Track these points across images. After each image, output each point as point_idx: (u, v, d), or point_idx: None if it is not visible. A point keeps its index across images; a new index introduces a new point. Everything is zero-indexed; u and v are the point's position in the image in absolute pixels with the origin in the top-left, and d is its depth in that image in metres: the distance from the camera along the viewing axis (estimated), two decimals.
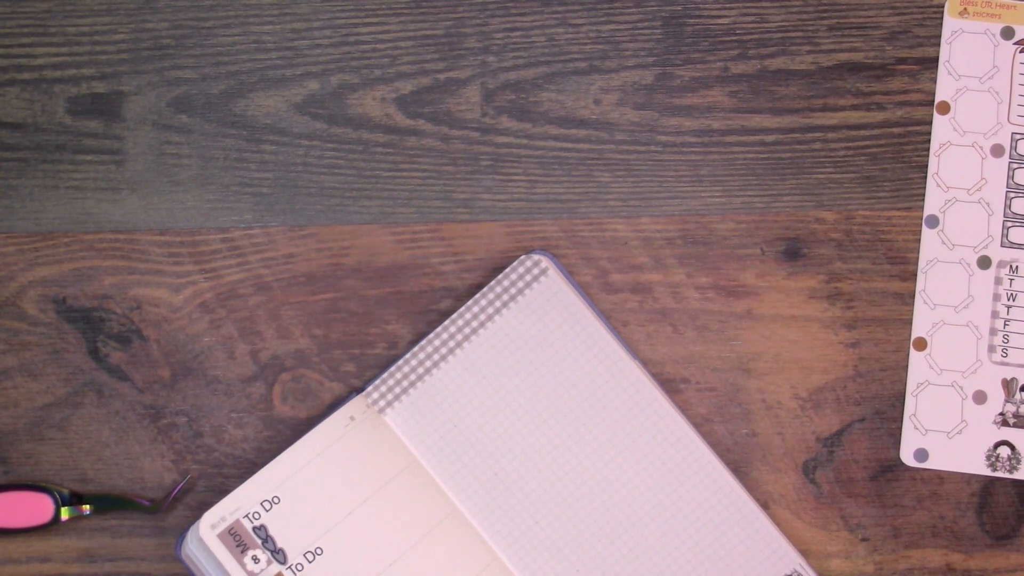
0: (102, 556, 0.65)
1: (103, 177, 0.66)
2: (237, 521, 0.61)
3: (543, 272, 0.64)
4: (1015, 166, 0.65)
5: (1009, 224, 0.65)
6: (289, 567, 0.61)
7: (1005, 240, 0.65)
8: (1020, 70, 0.65)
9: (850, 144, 0.65)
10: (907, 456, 0.65)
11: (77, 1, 0.66)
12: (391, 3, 0.66)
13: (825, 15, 0.66)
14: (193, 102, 0.66)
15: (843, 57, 0.66)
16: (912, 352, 0.65)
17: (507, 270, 0.64)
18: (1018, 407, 0.65)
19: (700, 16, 0.66)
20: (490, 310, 0.64)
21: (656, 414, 0.64)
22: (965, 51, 0.65)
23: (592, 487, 0.64)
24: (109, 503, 0.64)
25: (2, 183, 0.66)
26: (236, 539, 0.61)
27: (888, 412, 0.65)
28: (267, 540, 0.61)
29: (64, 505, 0.64)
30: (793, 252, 0.65)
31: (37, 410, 0.65)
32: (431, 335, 0.64)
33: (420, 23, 0.66)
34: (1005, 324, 0.65)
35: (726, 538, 0.63)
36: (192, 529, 0.62)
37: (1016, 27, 0.65)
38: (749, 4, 0.66)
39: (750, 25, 0.66)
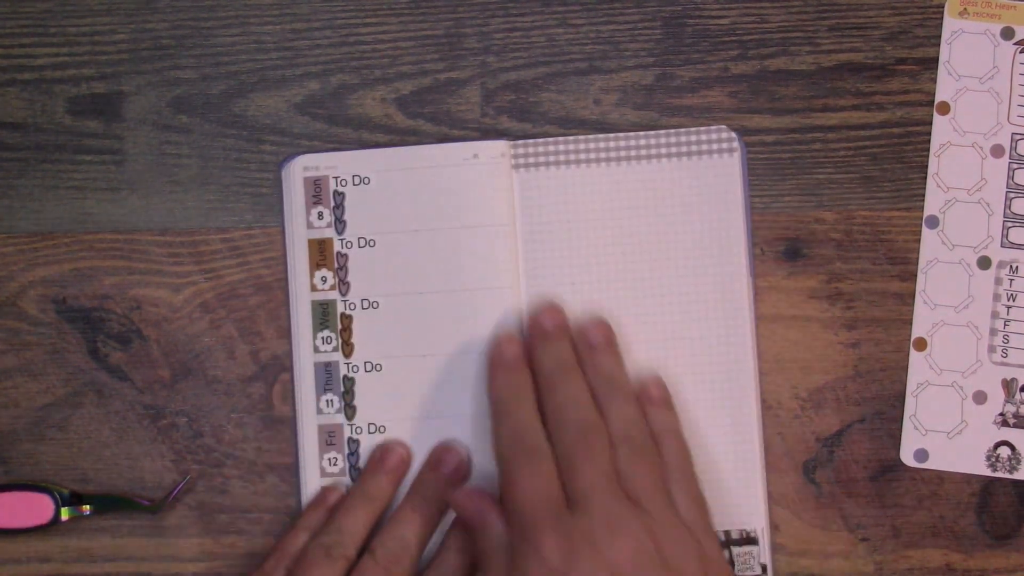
0: (102, 556, 0.65)
1: (103, 177, 0.66)
2: (327, 177, 0.65)
3: (728, 150, 0.65)
4: (1015, 166, 0.65)
5: (1009, 224, 0.65)
6: (340, 239, 0.65)
7: (1005, 240, 0.65)
8: (1020, 70, 0.65)
9: (850, 144, 0.65)
10: (907, 456, 0.65)
11: (77, 1, 0.66)
12: (391, 3, 0.66)
13: (825, 15, 0.66)
14: (193, 102, 0.66)
15: (843, 57, 0.66)
16: (912, 352, 0.65)
17: (696, 129, 0.65)
18: (1018, 407, 0.65)
19: (700, 16, 0.66)
20: (661, 151, 0.65)
21: (732, 335, 0.64)
22: (965, 51, 0.65)
23: (645, 339, 0.65)
24: (109, 503, 0.64)
25: (2, 183, 0.66)
26: (316, 189, 0.65)
27: (888, 412, 0.65)
28: (339, 207, 0.64)
29: (64, 505, 0.64)
30: (793, 252, 0.65)
31: (37, 410, 0.65)
32: (604, 135, 0.65)
33: (420, 23, 0.66)
34: (1005, 324, 0.65)
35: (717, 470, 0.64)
36: (293, 159, 0.65)
37: (1016, 27, 0.65)
38: (749, 4, 0.66)
39: (750, 25, 0.66)
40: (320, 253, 0.65)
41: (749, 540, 0.64)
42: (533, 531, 0.56)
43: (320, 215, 0.65)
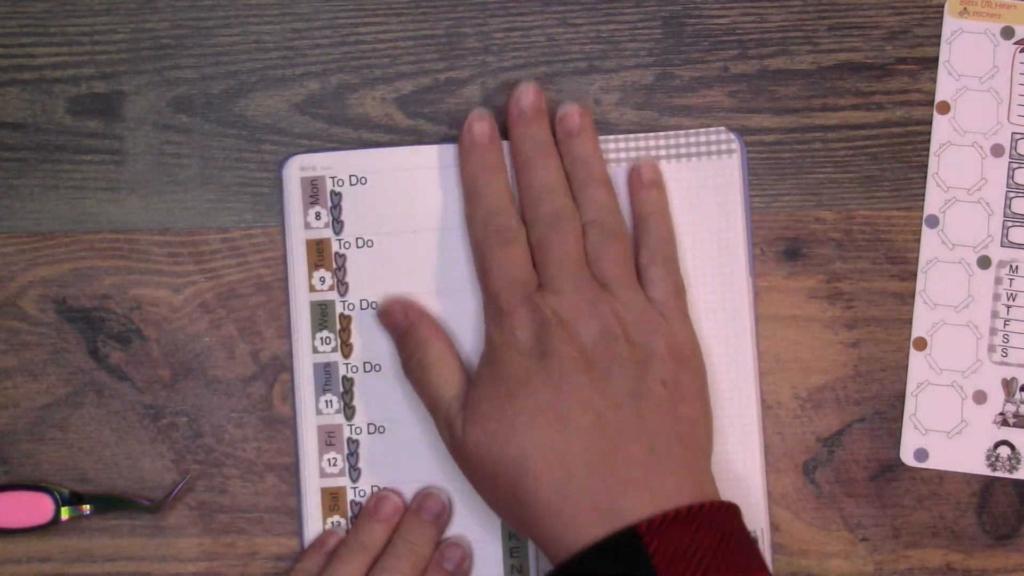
0: (102, 556, 0.65)
1: (103, 177, 0.66)
2: (324, 177, 0.65)
3: (727, 151, 0.65)
4: (1015, 166, 0.65)
5: (1009, 224, 0.65)
6: (338, 239, 0.65)
7: (1005, 240, 0.65)
8: (1020, 70, 0.65)
9: (850, 144, 0.65)
10: (907, 456, 0.65)
11: (77, 1, 0.66)
12: (391, 3, 0.66)
13: (825, 15, 0.66)
14: (193, 102, 0.66)
15: (843, 57, 0.66)
16: (912, 352, 0.65)
17: (696, 130, 0.65)
18: (1018, 407, 0.65)
19: (700, 16, 0.66)
20: (660, 152, 0.65)
21: (732, 335, 0.64)
22: (965, 51, 0.65)
23: None
24: (109, 503, 0.64)
25: (2, 183, 0.66)
26: (313, 189, 0.65)
27: (888, 412, 0.65)
28: (336, 207, 0.65)
29: (64, 505, 0.64)
30: (793, 252, 0.65)
31: (37, 410, 0.65)
32: (604, 137, 0.64)
33: (420, 23, 0.66)
34: (1005, 324, 0.65)
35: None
36: (291, 159, 0.65)
37: (1016, 27, 0.65)
38: (749, 4, 0.66)
39: (750, 25, 0.66)
40: (318, 253, 0.65)
41: None
42: (506, 313, 0.59)
43: (318, 215, 0.65)
